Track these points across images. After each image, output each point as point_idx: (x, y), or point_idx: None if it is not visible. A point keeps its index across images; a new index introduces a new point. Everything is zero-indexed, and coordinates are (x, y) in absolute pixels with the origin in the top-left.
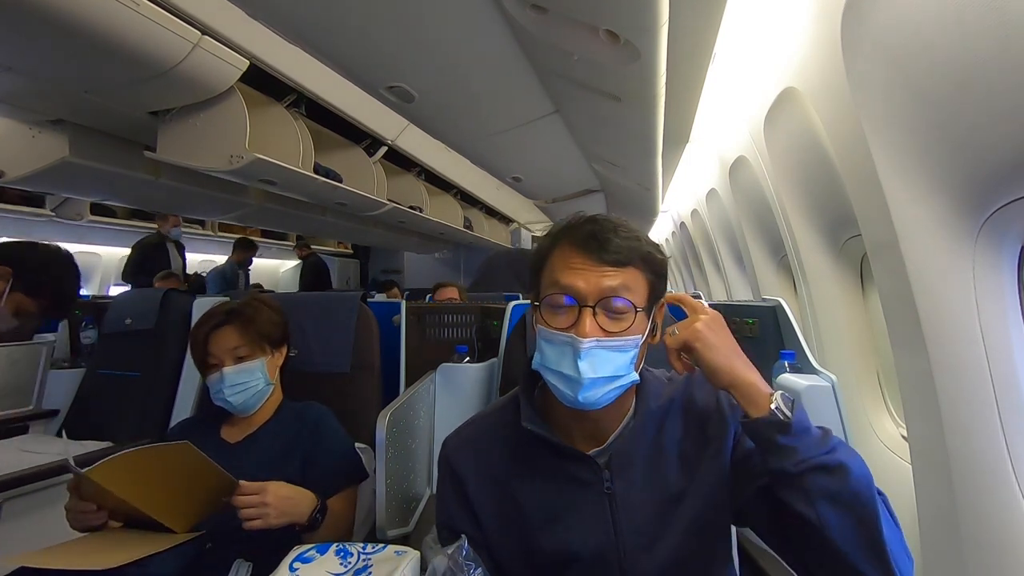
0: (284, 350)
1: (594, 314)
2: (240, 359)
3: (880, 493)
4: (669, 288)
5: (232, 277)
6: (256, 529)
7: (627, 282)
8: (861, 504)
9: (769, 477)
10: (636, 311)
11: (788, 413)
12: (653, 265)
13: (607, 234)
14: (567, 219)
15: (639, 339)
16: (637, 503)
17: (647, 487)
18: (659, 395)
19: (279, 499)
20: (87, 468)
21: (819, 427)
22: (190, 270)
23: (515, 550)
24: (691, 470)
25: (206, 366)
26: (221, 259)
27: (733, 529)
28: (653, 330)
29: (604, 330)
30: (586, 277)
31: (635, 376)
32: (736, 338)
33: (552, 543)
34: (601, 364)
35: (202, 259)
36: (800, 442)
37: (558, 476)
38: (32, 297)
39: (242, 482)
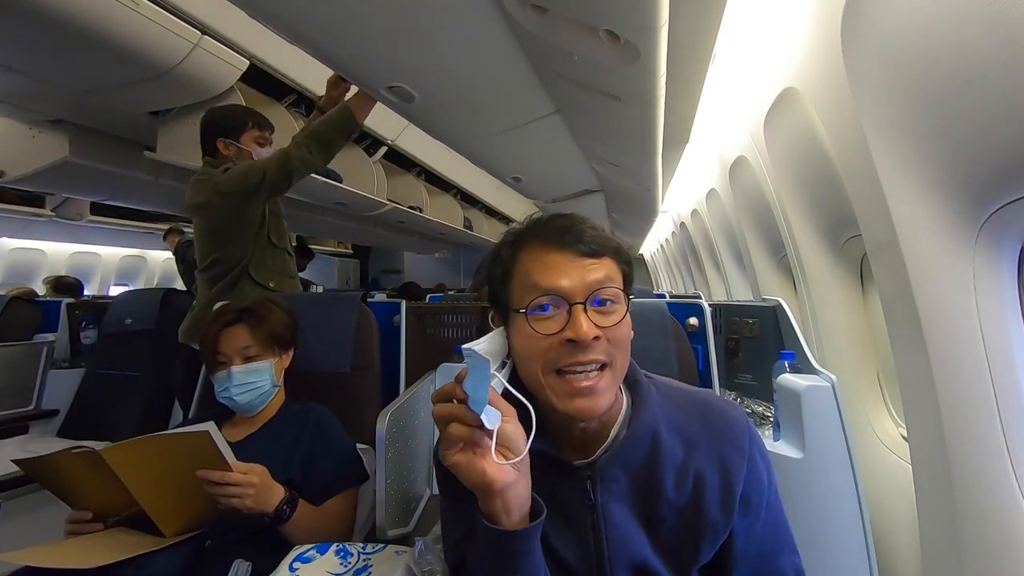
0: (291, 353)
1: (585, 311)
2: (249, 359)
3: None
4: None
5: None
6: (232, 509)
7: (609, 272)
8: None
9: None
10: (626, 299)
11: None
12: (623, 255)
13: (579, 226)
14: (522, 223)
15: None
16: (621, 519)
17: (634, 504)
18: (657, 404)
19: (262, 485)
20: (102, 447)
21: None
22: None
23: None
24: (682, 502)
25: (214, 364)
26: None
27: None
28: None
29: (599, 326)
30: (569, 274)
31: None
32: (737, 338)
33: None
34: None
35: None
36: None
37: (544, 485)
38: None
39: (234, 462)
